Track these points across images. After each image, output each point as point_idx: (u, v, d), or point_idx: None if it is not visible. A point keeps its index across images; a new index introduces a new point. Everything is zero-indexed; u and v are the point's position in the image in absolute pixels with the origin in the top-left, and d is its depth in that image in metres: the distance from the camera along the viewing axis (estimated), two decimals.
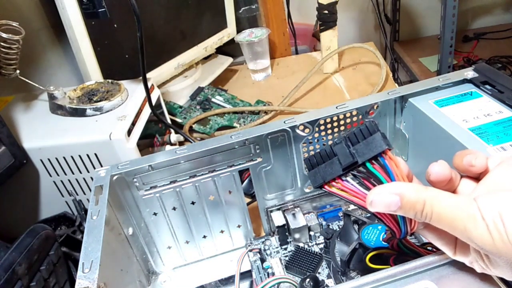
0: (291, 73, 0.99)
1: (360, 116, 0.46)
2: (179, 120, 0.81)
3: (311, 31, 1.27)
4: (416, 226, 0.29)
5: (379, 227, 0.42)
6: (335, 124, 0.46)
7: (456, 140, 0.38)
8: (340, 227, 0.50)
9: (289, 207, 0.50)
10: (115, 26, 0.69)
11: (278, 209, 0.50)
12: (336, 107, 0.45)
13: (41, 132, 0.55)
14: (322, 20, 0.88)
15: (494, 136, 0.38)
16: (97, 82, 0.64)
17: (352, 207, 0.51)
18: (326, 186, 0.33)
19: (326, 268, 0.46)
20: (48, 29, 0.78)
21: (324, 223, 0.52)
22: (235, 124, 0.80)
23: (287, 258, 0.47)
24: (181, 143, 0.72)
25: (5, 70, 0.56)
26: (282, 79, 0.97)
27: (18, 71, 0.57)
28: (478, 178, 0.29)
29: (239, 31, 0.98)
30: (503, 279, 0.28)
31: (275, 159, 0.47)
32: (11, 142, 0.50)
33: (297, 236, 0.49)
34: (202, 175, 0.45)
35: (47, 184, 0.55)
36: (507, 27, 1.65)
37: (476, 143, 0.37)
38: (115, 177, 0.42)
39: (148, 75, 0.61)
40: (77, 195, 0.56)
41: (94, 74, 0.67)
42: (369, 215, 0.45)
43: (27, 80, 0.58)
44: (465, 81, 0.46)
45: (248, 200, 0.55)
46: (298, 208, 0.50)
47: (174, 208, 0.46)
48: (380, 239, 0.41)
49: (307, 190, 0.50)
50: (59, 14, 0.63)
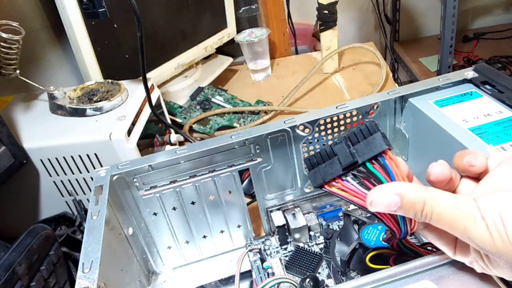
0: (291, 73, 0.99)
1: (360, 116, 0.46)
2: (179, 120, 0.81)
3: (311, 31, 1.27)
4: (416, 226, 0.29)
5: (379, 227, 0.42)
6: (335, 124, 0.46)
7: (456, 140, 0.38)
8: (340, 227, 0.50)
9: (289, 207, 0.50)
10: (115, 26, 0.69)
11: (278, 209, 0.50)
12: (336, 107, 0.45)
13: (41, 132, 0.55)
14: (322, 20, 0.88)
15: (494, 136, 0.38)
16: (97, 82, 0.64)
17: (352, 207, 0.51)
18: (326, 186, 0.33)
19: (326, 268, 0.46)
20: (48, 29, 0.78)
21: (324, 223, 0.52)
22: (235, 124, 0.80)
23: (287, 258, 0.47)
24: (181, 143, 0.72)
25: (5, 70, 0.56)
26: (282, 79, 0.97)
27: (18, 71, 0.57)
28: (478, 178, 0.29)
29: (239, 31, 0.98)
30: (503, 279, 0.28)
31: (275, 159, 0.47)
32: (11, 142, 0.50)
33: (297, 236, 0.49)
34: (202, 175, 0.45)
35: (47, 184, 0.55)
36: (507, 27, 1.65)
37: (476, 143, 0.37)
38: (115, 177, 0.42)
39: (148, 75, 0.61)
40: (77, 195, 0.56)
41: (94, 74, 0.67)
42: (369, 215, 0.45)
43: (27, 80, 0.58)
44: (465, 81, 0.46)
45: (248, 200, 0.55)
46: (298, 208, 0.50)
47: (174, 208, 0.46)
48: (380, 239, 0.41)
49: (307, 190, 0.50)
50: (59, 14, 0.63)
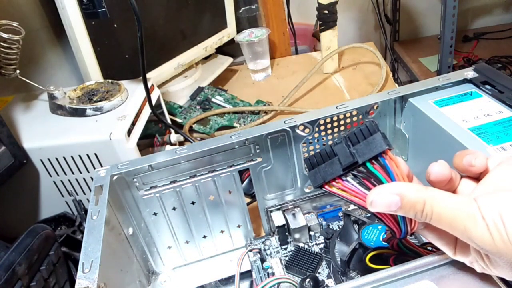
0: (291, 73, 0.99)
1: (360, 116, 0.46)
2: (179, 120, 0.81)
3: (311, 31, 1.27)
4: (416, 226, 0.29)
5: (379, 227, 0.42)
6: (335, 124, 0.46)
7: (456, 140, 0.38)
8: (340, 227, 0.50)
9: (289, 207, 0.50)
10: (115, 26, 0.69)
11: (278, 209, 0.50)
12: (336, 107, 0.45)
13: (41, 132, 0.55)
14: (322, 20, 0.88)
15: (494, 136, 0.38)
16: (97, 82, 0.64)
17: (352, 207, 0.51)
18: (326, 186, 0.33)
19: (326, 268, 0.46)
20: (48, 29, 0.78)
21: (324, 223, 0.52)
22: (235, 124, 0.80)
23: (287, 258, 0.47)
24: (181, 143, 0.72)
25: (5, 70, 0.56)
26: (282, 79, 0.97)
27: (18, 71, 0.57)
28: (478, 178, 0.29)
29: (239, 31, 0.98)
30: (503, 279, 0.28)
31: (275, 159, 0.47)
32: (11, 142, 0.50)
33: (297, 236, 0.49)
34: (202, 175, 0.45)
35: (47, 184, 0.55)
36: (507, 27, 1.65)
37: (476, 143, 0.37)
38: (115, 177, 0.42)
39: (148, 75, 0.61)
40: (77, 195, 0.56)
41: (94, 74, 0.67)
42: (369, 215, 0.45)
43: (27, 80, 0.58)
44: (465, 81, 0.46)
45: (248, 200, 0.55)
46: (298, 208, 0.50)
47: (174, 208, 0.46)
48: (380, 239, 0.41)
49: (307, 190, 0.50)
50: (59, 14, 0.63)
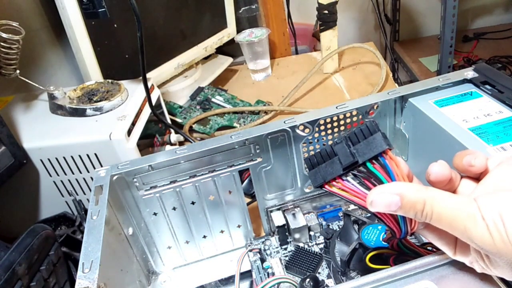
0: (291, 73, 0.99)
1: (360, 116, 0.46)
2: (179, 120, 0.81)
3: (311, 31, 1.27)
4: (416, 226, 0.29)
5: (379, 227, 0.42)
6: (335, 124, 0.46)
7: (456, 140, 0.38)
8: (340, 227, 0.50)
9: (289, 207, 0.50)
10: (115, 26, 0.69)
11: (278, 209, 0.50)
12: (336, 107, 0.45)
13: (41, 132, 0.55)
14: (322, 20, 0.88)
15: (494, 136, 0.38)
16: (97, 82, 0.64)
17: (352, 207, 0.51)
18: (326, 186, 0.33)
19: (326, 268, 0.46)
20: (48, 29, 0.78)
21: (324, 223, 0.52)
22: (235, 124, 0.80)
23: (287, 258, 0.47)
24: (181, 143, 0.72)
25: (5, 70, 0.56)
26: (282, 79, 0.97)
27: (18, 71, 0.57)
28: (478, 178, 0.29)
29: (239, 31, 0.98)
30: (503, 279, 0.28)
31: (275, 159, 0.46)
32: (11, 142, 0.50)
33: (297, 236, 0.49)
34: (202, 175, 0.45)
35: (47, 184, 0.55)
36: (507, 27, 1.65)
37: (476, 143, 0.37)
38: (115, 177, 0.42)
39: (148, 75, 0.61)
40: (77, 195, 0.56)
41: (94, 74, 0.67)
42: (369, 215, 0.45)
43: (27, 80, 0.58)
44: (465, 81, 0.46)
45: (248, 200, 0.55)
46: (298, 208, 0.50)
47: (174, 208, 0.46)
48: (380, 239, 0.41)
49: (307, 190, 0.50)
50: (59, 14, 0.63)
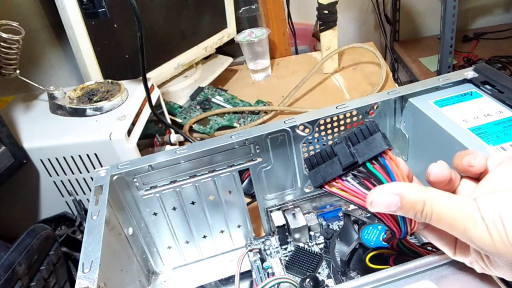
0: (291, 73, 0.99)
1: (360, 116, 0.46)
2: (179, 120, 0.81)
3: (311, 31, 1.27)
4: (416, 226, 0.29)
5: (379, 227, 0.42)
6: (335, 124, 0.46)
7: (456, 140, 0.38)
8: (340, 227, 0.50)
9: (289, 207, 0.50)
10: (115, 26, 0.69)
11: (278, 209, 0.50)
12: (336, 107, 0.45)
13: (41, 132, 0.55)
14: (322, 20, 0.88)
15: (494, 136, 0.38)
16: (97, 82, 0.64)
17: (352, 207, 0.51)
18: (326, 186, 0.33)
19: (326, 268, 0.46)
20: (48, 29, 0.78)
21: (324, 223, 0.52)
22: (235, 124, 0.80)
23: (287, 258, 0.47)
24: (181, 143, 0.72)
25: (5, 70, 0.56)
26: (282, 79, 0.97)
27: (18, 71, 0.57)
28: (478, 178, 0.29)
29: (239, 31, 0.98)
30: (503, 279, 0.28)
31: (275, 159, 0.47)
32: (11, 142, 0.50)
33: (297, 236, 0.49)
34: (202, 175, 0.45)
35: (47, 184, 0.55)
36: (507, 27, 1.65)
37: (476, 143, 0.37)
38: (115, 177, 0.42)
39: (148, 75, 0.61)
40: (77, 195, 0.56)
41: (94, 74, 0.67)
42: (369, 215, 0.45)
43: (27, 80, 0.58)
44: (465, 81, 0.46)
45: (248, 200, 0.55)
46: (298, 208, 0.50)
47: (174, 208, 0.46)
48: (380, 239, 0.41)
49: (307, 190, 0.50)
50: (59, 14, 0.63)
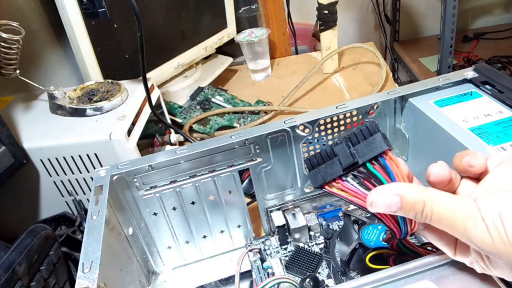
0: (291, 73, 0.99)
1: (360, 116, 0.46)
2: (179, 120, 0.81)
3: (311, 31, 1.27)
4: (416, 227, 0.29)
5: (379, 227, 0.42)
6: (335, 124, 0.46)
7: (456, 140, 0.38)
8: (340, 227, 0.50)
9: (289, 207, 0.50)
10: (115, 26, 0.69)
11: (278, 209, 0.50)
12: (336, 107, 0.45)
13: (41, 132, 0.55)
14: (322, 20, 0.88)
15: (494, 136, 0.38)
16: (97, 82, 0.64)
17: (352, 207, 0.51)
18: (326, 187, 0.33)
19: (326, 268, 0.46)
20: (48, 29, 0.78)
21: (324, 223, 0.52)
22: (235, 124, 0.80)
23: (287, 258, 0.47)
24: (181, 143, 0.72)
25: (5, 70, 0.56)
26: (282, 79, 0.97)
27: (18, 71, 0.57)
28: (479, 178, 0.29)
29: (239, 31, 0.98)
30: (503, 279, 0.28)
31: (275, 159, 0.46)
32: (11, 142, 0.50)
33: (297, 236, 0.49)
34: (202, 175, 0.45)
35: (47, 184, 0.55)
36: (507, 27, 1.65)
37: (476, 143, 0.37)
38: (115, 177, 0.42)
39: (148, 75, 0.61)
40: (77, 195, 0.56)
41: (94, 74, 0.67)
42: (369, 215, 0.45)
43: (27, 80, 0.58)
44: (465, 81, 0.46)
45: (248, 200, 0.55)
46: (298, 208, 0.50)
47: (174, 208, 0.46)
48: (380, 239, 0.41)
49: (307, 190, 0.50)
50: (59, 14, 0.63)
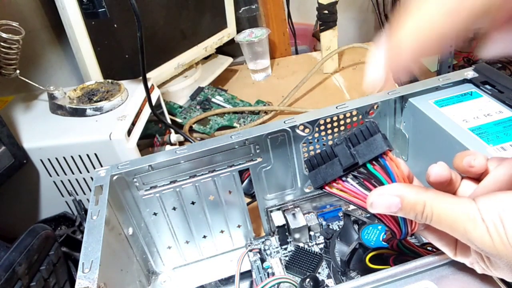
0: (291, 73, 0.99)
1: (360, 116, 0.46)
2: (179, 120, 0.81)
3: (311, 31, 1.27)
4: (416, 227, 0.29)
5: (379, 227, 0.42)
6: (335, 124, 0.46)
7: (456, 140, 0.38)
8: (340, 227, 0.50)
9: (289, 207, 0.50)
10: (115, 26, 0.69)
11: (278, 209, 0.50)
12: (336, 107, 0.45)
13: (41, 132, 0.55)
14: (322, 20, 0.88)
15: (494, 136, 0.38)
16: (97, 82, 0.64)
17: (352, 207, 0.51)
18: (326, 187, 0.33)
19: (326, 268, 0.46)
20: (48, 29, 0.78)
21: (324, 223, 0.52)
22: (235, 124, 0.80)
23: (287, 258, 0.47)
24: (181, 143, 0.72)
25: (5, 70, 0.56)
26: (282, 79, 0.97)
27: (18, 71, 0.57)
28: (479, 179, 0.29)
29: (239, 31, 0.98)
30: (503, 280, 0.28)
31: (275, 159, 0.46)
32: (11, 142, 0.50)
33: (297, 236, 0.49)
34: (202, 175, 0.45)
35: (47, 184, 0.55)
36: None
37: (476, 143, 0.37)
38: (115, 177, 0.42)
39: (148, 75, 0.61)
40: (77, 195, 0.56)
41: (94, 74, 0.67)
42: (369, 215, 0.45)
43: (27, 80, 0.58)
44: (465, 81, 0.46)
45: (248, 200, 0.55)
46: (298, 208, 0.50)
47: (174, 208, 0.46)
48: (380, 239, 0.41)
49: (307, 190, 0.50)
50: (59, 14, 0.63)
